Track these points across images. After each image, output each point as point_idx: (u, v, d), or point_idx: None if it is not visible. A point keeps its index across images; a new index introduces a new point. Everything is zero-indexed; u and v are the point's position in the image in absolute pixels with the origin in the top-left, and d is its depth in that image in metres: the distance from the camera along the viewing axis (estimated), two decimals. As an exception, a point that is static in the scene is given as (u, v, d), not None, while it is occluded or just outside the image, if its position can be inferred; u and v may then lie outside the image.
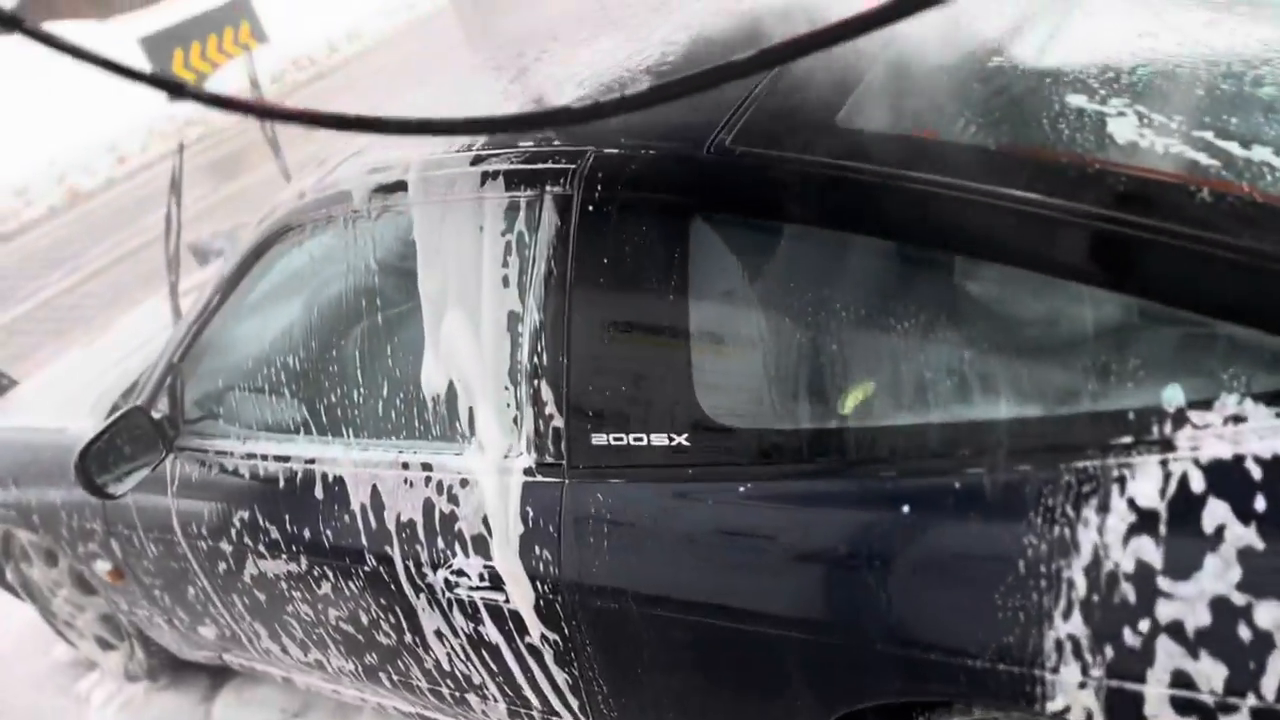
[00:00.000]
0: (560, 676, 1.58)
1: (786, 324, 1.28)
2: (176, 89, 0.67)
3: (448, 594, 1.62)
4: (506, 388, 1.51)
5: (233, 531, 1.92)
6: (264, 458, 1.88)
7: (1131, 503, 1.01)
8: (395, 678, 1.91)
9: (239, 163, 9.50)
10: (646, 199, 1.35)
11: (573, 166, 1.41)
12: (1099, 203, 1.06)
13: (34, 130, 10.47)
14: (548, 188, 1.43)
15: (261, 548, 1.88)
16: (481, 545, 1.54)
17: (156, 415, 2.00)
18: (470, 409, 1.56)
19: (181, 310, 2.44)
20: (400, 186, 1.60)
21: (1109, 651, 1.02)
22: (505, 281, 1.49)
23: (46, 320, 6.56)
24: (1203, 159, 1.11)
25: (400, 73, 11.32)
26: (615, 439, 1.39)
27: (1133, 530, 1.00)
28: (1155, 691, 1.00)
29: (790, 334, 1.28)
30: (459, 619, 1.64)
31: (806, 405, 1.27)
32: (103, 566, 2.35)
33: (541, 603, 1.50)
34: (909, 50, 1.35)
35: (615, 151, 1.38)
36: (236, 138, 9.89)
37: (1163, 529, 0.99)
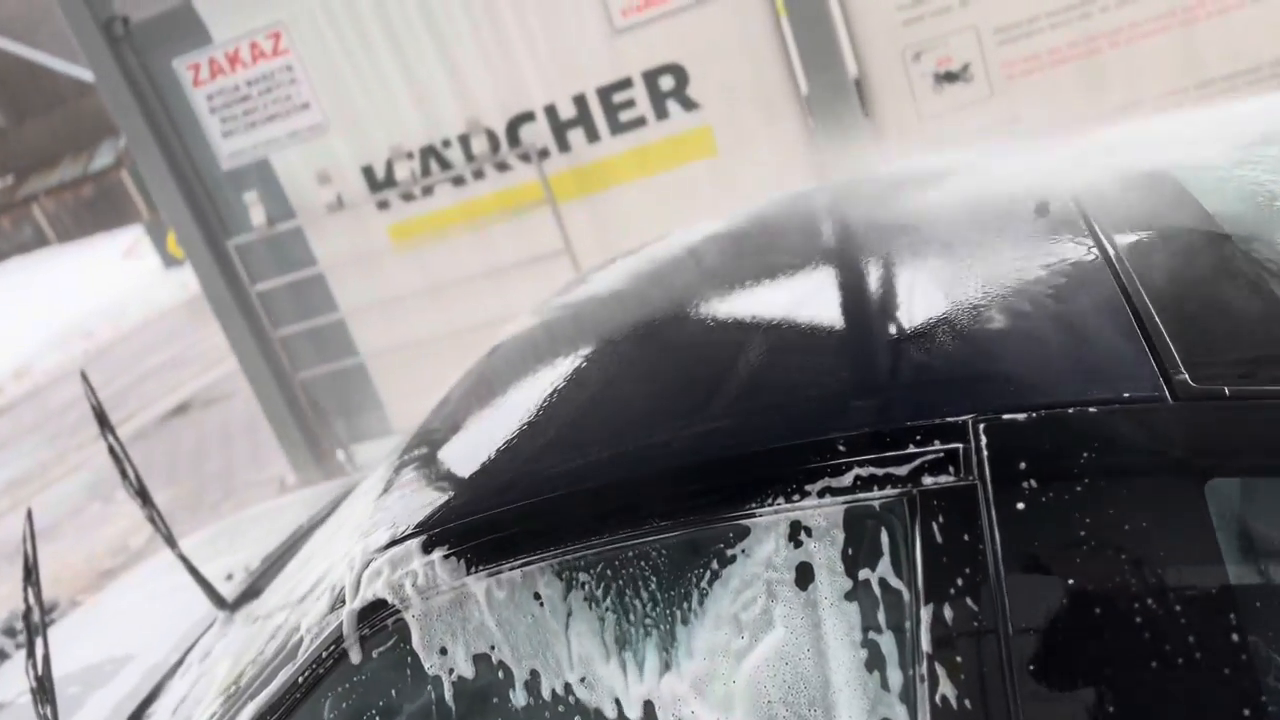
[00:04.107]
0: None
1: None
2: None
3: None
4: None
5: None
6: None
7: None
8: None
9: None
10: (1119, 476, 0.93)
11: (957, 446, 0.97)
12: None
13: None
14: (924, 481, 0.98)
15: None
16: None
17: None
18: None
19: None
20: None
21: None
22: (869, 667, 0.98)
23: None
24: None
25: (87, 416, 9.89)
26: None
27: None
28: None
29: None
30: None
31: None
32: None
33: None
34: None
35: (1019, 418, 0.97)
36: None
37: None
